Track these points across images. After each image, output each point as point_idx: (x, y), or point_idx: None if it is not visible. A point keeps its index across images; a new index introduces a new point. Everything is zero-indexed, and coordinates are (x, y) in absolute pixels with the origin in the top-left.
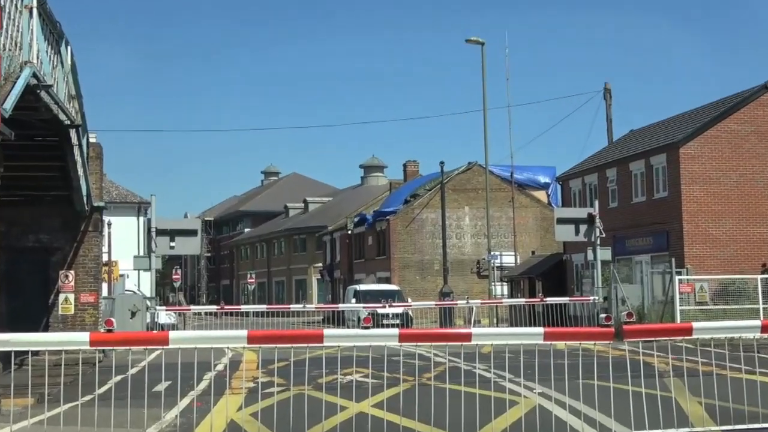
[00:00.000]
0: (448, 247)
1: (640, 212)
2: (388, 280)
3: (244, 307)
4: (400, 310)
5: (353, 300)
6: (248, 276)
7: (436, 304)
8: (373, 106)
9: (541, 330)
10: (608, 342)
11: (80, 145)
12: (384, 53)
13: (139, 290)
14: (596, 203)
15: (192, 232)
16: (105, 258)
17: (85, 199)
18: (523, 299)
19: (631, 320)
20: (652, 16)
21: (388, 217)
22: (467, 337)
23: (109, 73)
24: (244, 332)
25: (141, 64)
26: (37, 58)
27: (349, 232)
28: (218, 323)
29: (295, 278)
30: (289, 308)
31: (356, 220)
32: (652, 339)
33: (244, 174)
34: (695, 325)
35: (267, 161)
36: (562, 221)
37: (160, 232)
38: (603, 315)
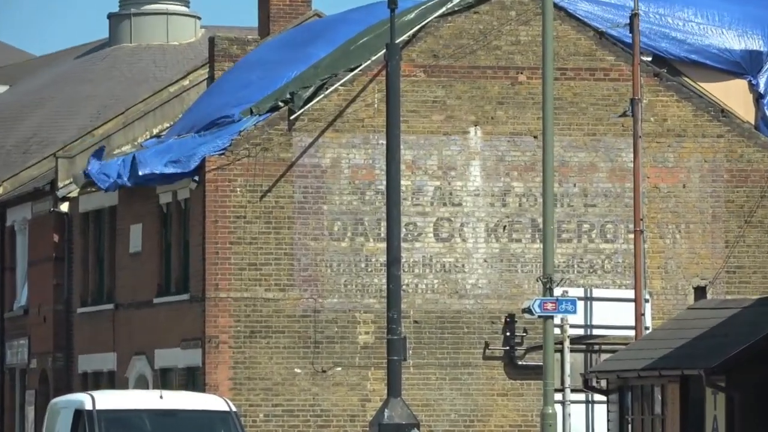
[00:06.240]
0: (414, 265)
1: None
2: (192, 383)
3: None
4: None
5: None
6: None
7: None
8: None
9: None
10: None
11: None
12: None
13: None
14: None
15: None
16: None
17: None
18: None
19: None
20: None
21: (200, 159)
22: None
23: None
24: None
25: None
26: None
27: (65, 210)
28: None
29: None
30: None
31: (88, 170)
32: None
33: None
34: None
35: None
36: None
37: None
38: None
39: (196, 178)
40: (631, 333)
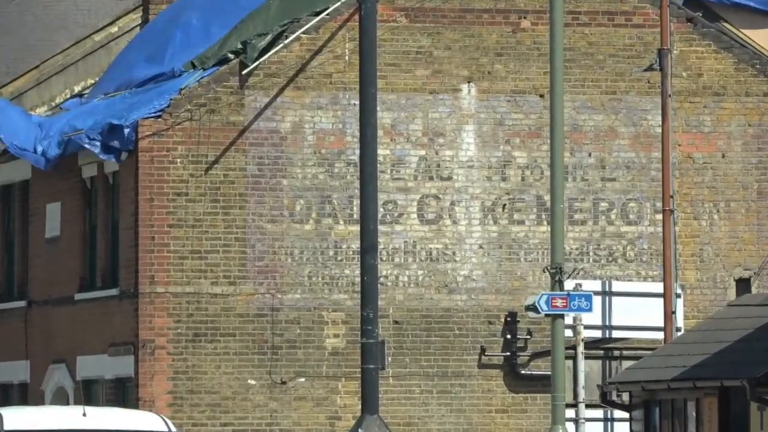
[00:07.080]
0: (393, 252)
1: None
2: (123, 397)
3: None
4: None
5: None
6: None
7: None
8: None
9: None
10: None
11: None
12: None
13: None
14: None
15: None
16: None
17: None
18: None
19: None
20: None
21: (131, 124)
22: None
23: None
24: None
25: None
26: None
27: None
28: None
29: None
30: None
31: None
32: None
33: None
34: None
35: None
36: None
37: None
38: None
39: (121, 148)
40: (660, 335)
